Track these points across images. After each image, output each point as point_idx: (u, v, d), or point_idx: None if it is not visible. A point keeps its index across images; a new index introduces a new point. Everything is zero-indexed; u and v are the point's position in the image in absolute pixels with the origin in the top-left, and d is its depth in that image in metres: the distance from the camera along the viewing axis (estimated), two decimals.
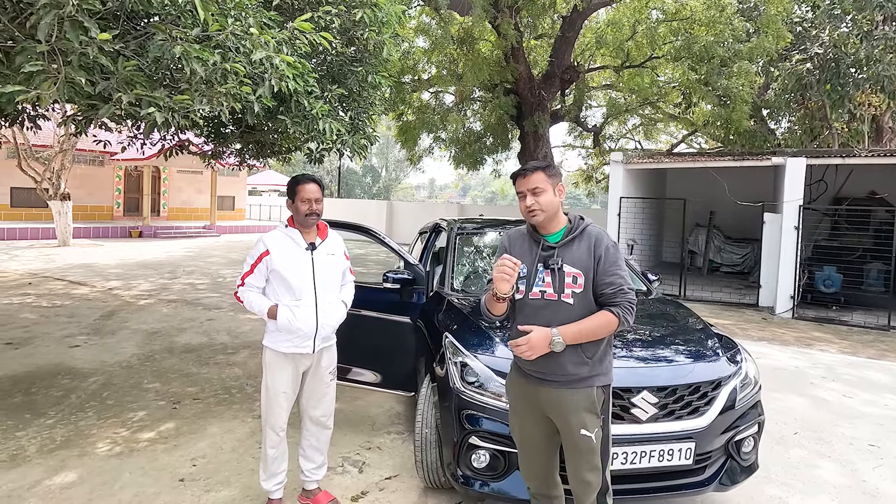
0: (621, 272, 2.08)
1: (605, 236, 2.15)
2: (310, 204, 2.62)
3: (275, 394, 2.68)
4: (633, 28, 11.42)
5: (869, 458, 3.74)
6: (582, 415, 2.07)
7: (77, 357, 5.21)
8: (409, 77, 13.08)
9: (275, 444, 2.72)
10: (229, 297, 8.63)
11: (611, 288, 2.06)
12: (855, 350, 6.80)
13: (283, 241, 2.68)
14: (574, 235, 2.15)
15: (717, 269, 13.18)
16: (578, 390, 2.09)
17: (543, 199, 2.12)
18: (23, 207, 18.40)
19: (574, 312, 2.08)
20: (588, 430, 2.06)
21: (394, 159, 52.56)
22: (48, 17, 2.37)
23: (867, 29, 10.88)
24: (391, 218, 22.09)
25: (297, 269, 2.63)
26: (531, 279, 2.15)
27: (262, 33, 3.13)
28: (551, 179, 2.15)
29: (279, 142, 6.45)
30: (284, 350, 2.65)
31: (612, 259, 2.09)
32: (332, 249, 2.77)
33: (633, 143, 19.59)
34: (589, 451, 2.08)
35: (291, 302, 2.62)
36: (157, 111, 2.85)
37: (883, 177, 10.88)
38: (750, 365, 2.97)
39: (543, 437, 2.21)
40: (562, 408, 2.10)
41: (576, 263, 2.10)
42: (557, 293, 2.10)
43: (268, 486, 2.76)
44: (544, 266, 2.14)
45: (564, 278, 2.10)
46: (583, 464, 2.10)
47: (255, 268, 2.65)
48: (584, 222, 2.19)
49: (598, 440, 2.08)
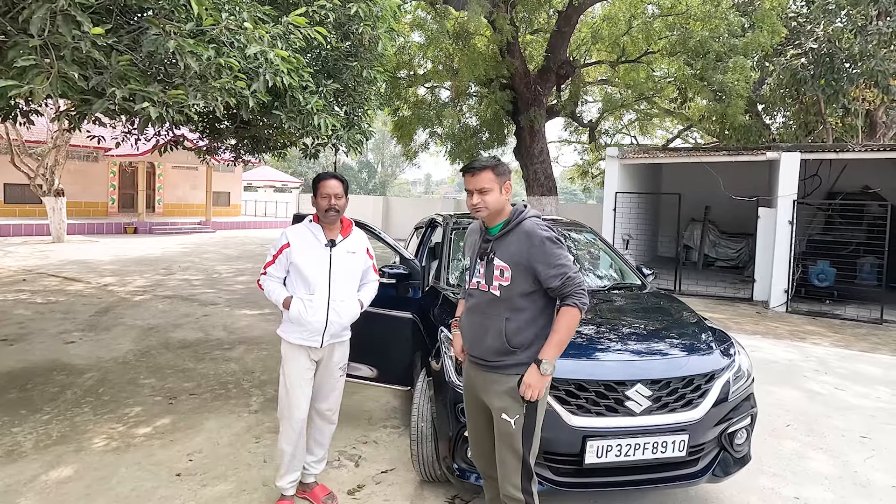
0: (562, 260, 2.11)
1: (538, 231, 2.15)
2: (329, 199, 2.67)
3: (292, 385, 2.70)
4: (628, 23, 11.40)
5: (861, 449, 3.78)
6: (504, 399, 2.15)
7: (72, 353, 5.20)
8: (404, 72, 13.03)
9: (292, 440, 2.70)
10: (225, 293, 8.62)
11: (557, 279, 2.10)
12: (848, 343, 6.86)
13: (305, 236, 2.72)
14: (509, 229, 2.20)
15: (712, 263, 13.24)
16: (502, 375, 2.16)
17: (489, 198, 2.18)
18: (16, 204, 18.29)
19: (501, 304, 2.17)
20: (508, 415, 2.13)
21: (390, 155, 52.44)
22: (40, 12, 2.36)
23: (861, 24, 10.91)
24: (387, 213, 22.08)
25: (313, 264, 2.67)
26: (472, 270, 2.28)
27: (257, 28, 3.12)
28: (499, 178, 2.19)
29: (274, 137, 6.44)
30: (294, 341, 2.69)
31: (548, 251, 2.11)
32: (354, 248, 2.79)
33: (628, 138, 19.60)
34: (508, 435, 2.14)
35: (305, 295, 2.66)
36: (151, 106, 2.84)
37: (876, 171, 10.94)
38: (743, 358, 2.99)
39: (484, 419, 2.29)
40: (488, 390, 2.21)
41: (504, 257, 2.16)
42: (487, 284, 2.20)
43: (282, 483, 2.75)
44: (480, 258, 2.24)
45: (493, 270, 2.18)
46: (503, 446, 2.17)
47: (277, 258, 2.71)
48: (521, 215, 2.22)
49: (519, 426, 2.13)
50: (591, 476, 2.55)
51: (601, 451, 2.48)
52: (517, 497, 2.14)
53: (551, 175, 12.51)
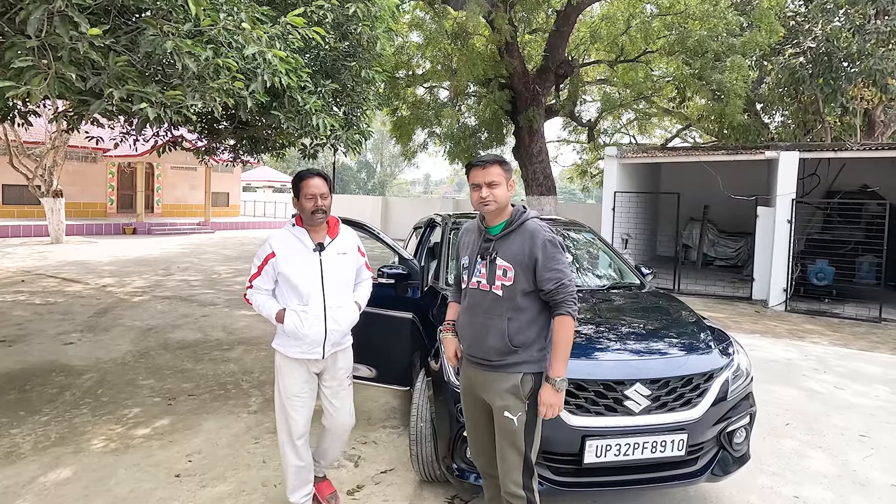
0: (559, 266, 2.14)
1: (542, 232, 2.17)
2: (315, 200, 2.45)
3: (287, 398, 2.55)
4: (627, 22, 11.41)
5: (859, 448, 3.78)
6: (506, 397, 2.16)
7: (71, 354, 5.19)
8: (403, 72, 13.02)
9: (294, 453, 2.57)
10: (224, 293, 8.61)
11: (551, 283, 2.11)
12: (846, 342, 6.87)
13: (290, 242, 2.52)
14: (512, 229, 2.21)
15: (711, 262, 13.25)
16: (504, 374, 2.17)
17: (498, 192, 2.20)
18: (15, 205, 18.26)
19: (503, 304, 2.17)
20: (511, 412, 2.15)
21: (388, 155, 52.44)
22: (38, 13, 2.36)
23: (859, 23, 10.92)
24: (386, 213, 22.06)
25: (303, 273, 2.48)
26: (471, 269, 2.27)
27: (255, 28, 3.12)
28: (506, 174, 2.22)
29: (273, 137, 6.44)
30: (293, 355, 2.53)
31: (549, 255, 2.13)
32: (344, 248, 2.60)
33: (627, 137, 19.62)
34: (510, 433, 2.16)
35: (299, 307, 2.47)
36: (149, 107, 2.84)
37: (875, 170, 10.95)
38: (742, 357, 2.99)
39: (484, 418, 2.30)
40: (489, 389, 2.21)
41: (507, 257, 2.17)
42: (489, 284, 2.20)
43: (295, 498, 2.63)
44: (481, 257, 2.23)
45: (496, 270, 2.18)
46: (505, 443, 2.18)
47: (262, 270, 2.51)
48: (524, 215, 2.24)
49: (522, 423, 2.14)
50: (590, 475, 2.55)
51: (600, 451, 2.48)
52: (518, 494, 2.15)
53: (550, 174, 12.51)
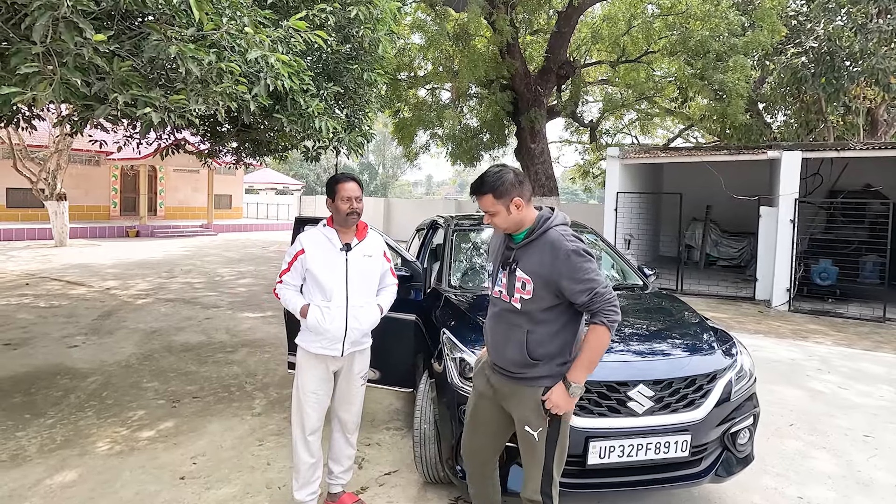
0: (590, 275, 2.00)
1: (564, 243, 2.03)
2: (351, 203, 2.57)
3: (304, 393, 2.63)
4: (628, 23, 11.41)
5: (864, 448, 3.77)
6: (526, 412, 2.11)
7: (76, 357, 5.22)
8: (404, 74, 13.05)
9: (305, 449, 2.64)
10: (227, 295, 8.64)
11: (585, 295, 1.99)
12: (850, 342, 6.85)
13: (319, 241, 2.63)
14: (533, 238, 2.10)
15: (714, 262, 13.23)
16: (525, 387, 2.12)
17: (497, 220, 2.13)
18: (19, 208, 18.35)
19: (522, 317, 2.09)
20: (531, 427, 2.10)
21: (391, 156, 52.50)
22: (43, 19, 2.37)
23: (861, 22, 10.90)
24: (388, 215, 22.09)
25: (329, 270, 2.58)
26: (495, 277, 2.23)
27: (258, 32, 3.14)
28: (501, 201, 2.08)
29: (276, 140, 6.46)
30: (314, 350, 2.61)
31: (575, 266, 2.00)
32: (370, 251, 2.69)
33: (629, 138, 19.59)
34: (531, 446, 2.12)
35: (322, 302, 2.57)
36: (152, 111, 2.86)
37: (878, 169, 10.92)
38: (745, 357, 2.99)
39: (494, 422, 2.27)
40: (511, 400, 2.17)
41: (526, 268, 2.08)
42: (509, 296, 2.13)
43: (301, 496, 2.65)
44: (503, 266, 2.18)
45: (515, 282, 2.10)
46: (526, 456, 2.16)
47: (292, 266, 2.62)
48: (546, 223, 2.11)
49: (542, 438, 2.09)
50: (593, 477, 2.55)
51: (604, 452, 2.48)
52: (536, 500, 2.14)
53: (552, 175, 12.51)
